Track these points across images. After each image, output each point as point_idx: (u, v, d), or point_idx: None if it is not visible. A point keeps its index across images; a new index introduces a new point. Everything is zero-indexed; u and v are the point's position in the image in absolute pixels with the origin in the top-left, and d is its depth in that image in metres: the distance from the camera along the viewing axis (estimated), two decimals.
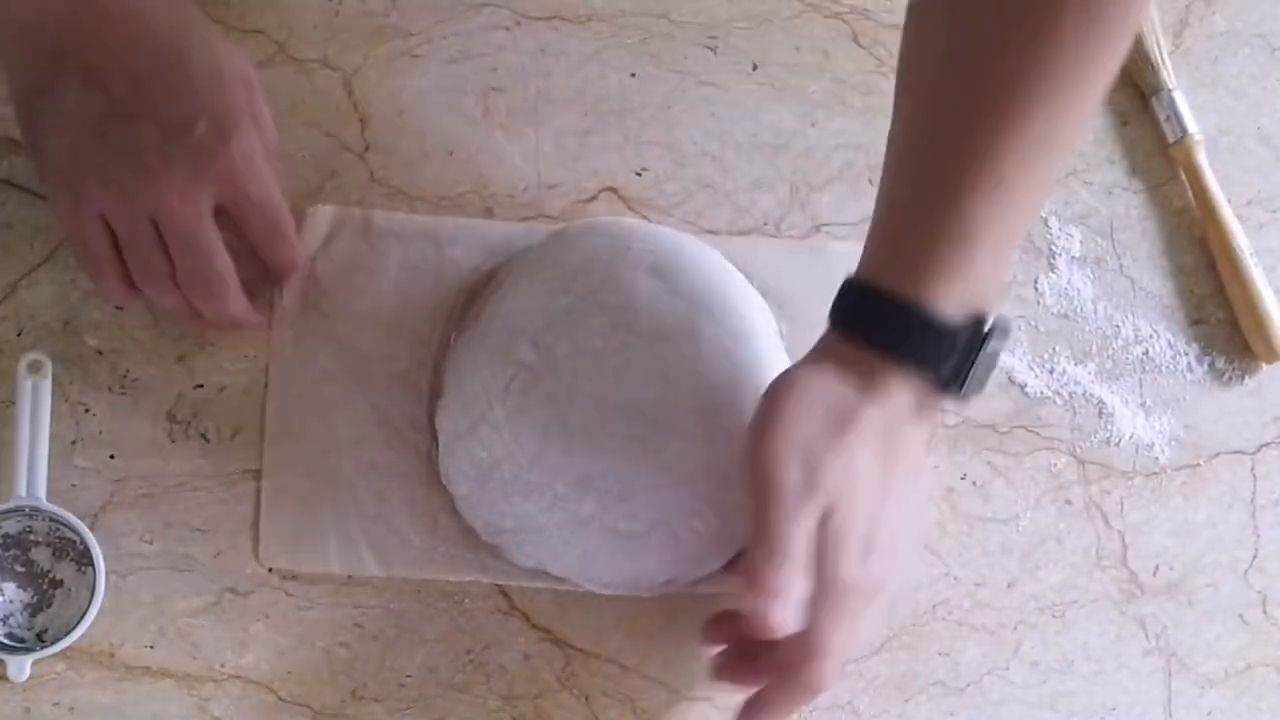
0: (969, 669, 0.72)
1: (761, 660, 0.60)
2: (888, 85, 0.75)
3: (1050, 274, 0.76)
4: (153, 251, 0.61)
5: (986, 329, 0.57)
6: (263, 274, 0.68)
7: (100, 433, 0.68)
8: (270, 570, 0.68)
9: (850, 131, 0.75)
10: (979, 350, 0.57)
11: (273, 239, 0.65)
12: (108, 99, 0.59)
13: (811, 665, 0.58)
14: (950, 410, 0.69)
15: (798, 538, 0.57)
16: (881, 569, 0.59)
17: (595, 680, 0.70)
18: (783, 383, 0.59)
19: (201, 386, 0.69)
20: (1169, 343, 0.76)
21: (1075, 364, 0.75)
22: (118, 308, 0.68)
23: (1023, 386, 0.74)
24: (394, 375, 0.69)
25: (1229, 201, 0.76)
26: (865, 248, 0.60)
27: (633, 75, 0.74)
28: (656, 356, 0.65)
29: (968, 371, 0.57)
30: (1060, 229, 0.76)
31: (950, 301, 0.56)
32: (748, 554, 0.58)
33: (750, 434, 0.59)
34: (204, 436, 0.69)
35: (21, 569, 0.67)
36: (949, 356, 0.57)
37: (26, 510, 0.66)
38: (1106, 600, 0.73)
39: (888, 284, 0.57)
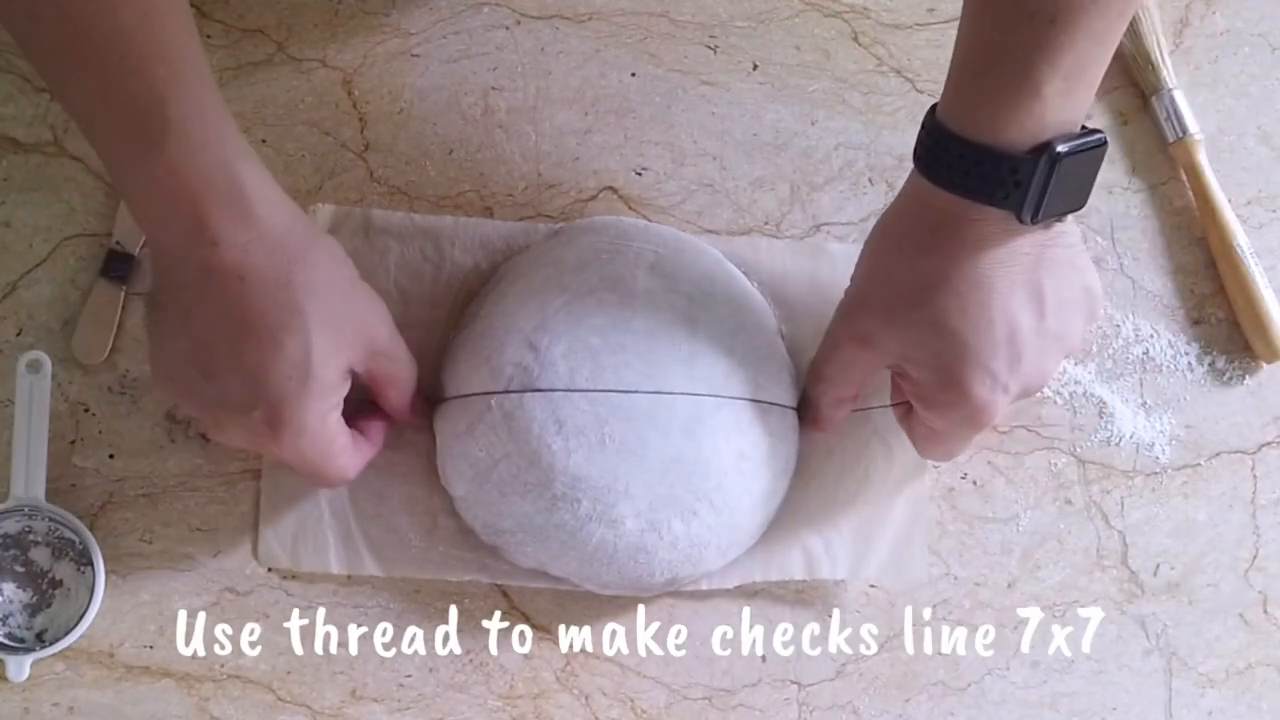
0: (969, 669, 0.72)
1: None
2: (888, 85, 0.75)
3: None
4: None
5: (1061, 150, 0.56)
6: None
7: (99, 432, 0.68)
8: (269, 570, 0.68)
9: (850, 131, 0.75)
10: (1050, 177, 0.56)
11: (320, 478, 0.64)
12: (192, 344, 0.58)
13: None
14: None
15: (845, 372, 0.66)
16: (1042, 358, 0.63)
17: (595, 680, 0.70)
18: (867, 247, 0.64)
19: None
20: (1169, 342, 0.76)
21: (1075, 364, 0.75)
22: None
23: None
24: None
25: (1229, 201, 0.76)
26: (944, 90, 0.60)
27: (633, 75, 0.74)
28: (655, 355, 0.65)
29: (1041, 199, 0.57)
30: None
31: (1012, 133, 0.56)
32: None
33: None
34: (203, 436, 0.69)
35: (21, 569, 0.67)
36: (1016, 188, 0.57)
37: (26, 510, 0.66)
38: (1107, 600, 0.73)
39: (955, 126, 0.57)
